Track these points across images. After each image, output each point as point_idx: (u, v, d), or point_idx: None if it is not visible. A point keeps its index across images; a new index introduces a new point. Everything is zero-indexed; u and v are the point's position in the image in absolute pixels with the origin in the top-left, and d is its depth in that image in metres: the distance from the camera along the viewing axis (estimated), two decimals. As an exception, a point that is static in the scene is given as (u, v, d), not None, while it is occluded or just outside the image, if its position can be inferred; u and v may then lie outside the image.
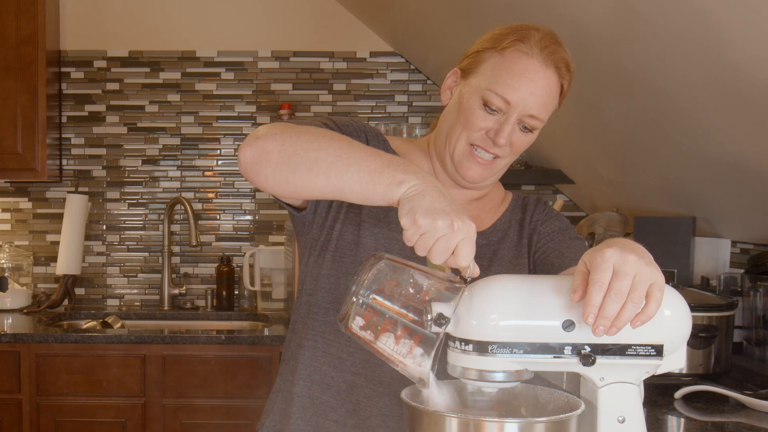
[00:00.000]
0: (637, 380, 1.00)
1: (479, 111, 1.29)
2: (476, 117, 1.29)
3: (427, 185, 1.03)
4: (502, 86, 1.26)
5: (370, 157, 1.09)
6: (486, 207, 1.45)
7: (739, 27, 1.61)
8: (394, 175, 1.06)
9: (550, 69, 1.28)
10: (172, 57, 3.47)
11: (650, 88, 2.10)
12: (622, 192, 2.91)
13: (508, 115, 1.28)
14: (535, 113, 1.28)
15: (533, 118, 1.28)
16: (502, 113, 1.28)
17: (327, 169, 1.10)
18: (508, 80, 1.26)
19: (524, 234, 1.43)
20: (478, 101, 1.29)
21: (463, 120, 1.30)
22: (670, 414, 1.71)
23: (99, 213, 3.50)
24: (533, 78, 1.27)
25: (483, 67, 1.30)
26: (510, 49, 1.28)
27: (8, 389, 2.83)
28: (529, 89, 1.26)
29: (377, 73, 3.48)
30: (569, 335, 0.95)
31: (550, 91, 1.29)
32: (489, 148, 1.30)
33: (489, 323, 0.95)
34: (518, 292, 0.98)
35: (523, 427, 0.92)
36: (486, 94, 1.27)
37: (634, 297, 0.90)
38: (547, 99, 1.29)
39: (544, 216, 1.45)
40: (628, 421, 0.99)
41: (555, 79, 1.29)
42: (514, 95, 1.26)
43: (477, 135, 1.30)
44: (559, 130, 2.93)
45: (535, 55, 1.27)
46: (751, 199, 2.24)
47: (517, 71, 1.27)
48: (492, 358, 0.96)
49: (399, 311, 0.99)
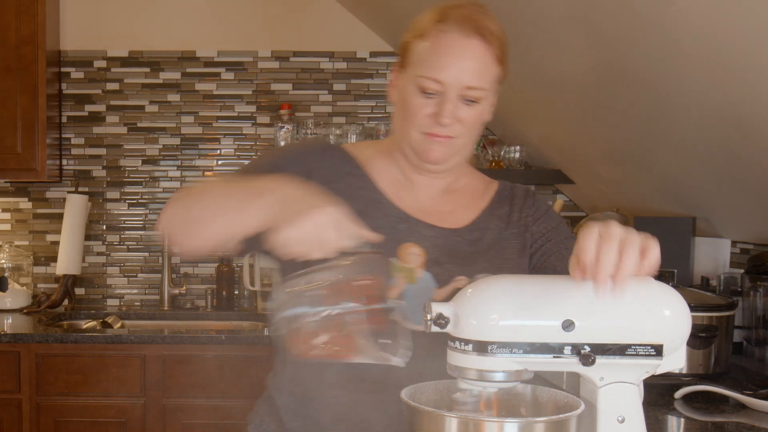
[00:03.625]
0: (637, 380, 1.00)
1: (418, 99, 1.30)
2: (416, 106, 1.31)
3: (284, 198, 1.12)
4: (431, 68, 1.28)
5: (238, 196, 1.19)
6: (462, 201, 1.43)
7: (737, 30, 1.61)
8: (258, 200, 1.15)
9: (473, 39, 1.29)
10: (172, 57, 3.47)
11: (650, 88, 2.10)
12: (622, 192, 2.91)
13: (444, 95, 1.29)
14: (473, 84, 1.29)
15: (473, 89, 1.29)
16: (440, 94, 1.29)
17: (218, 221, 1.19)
18: (435, 61, 1.28)
19: (512, 229, 1.41)
20: (414, 90, 1.30)
21: (407, 112, 1.32)
22: (670, 414, 1.71)
23: (99, 213, 3.50)
24: (459, 52, 1.28)
25: (412, 56, 1.32)
26: (431, 32, 1.30)
27: (8, 389, 2.83)
28: (458, 64, 1.28)
29: (377, 73, 3.48)
30: (569, 335, 0.95)
31: (480, 59, 1.29)
32: (439, 132, 1.31)
33: (489, 323, 0.95)
34: (518, 292, 0.98)
35: (523, 427, 0.92)
36: (419, 81, 1.29)
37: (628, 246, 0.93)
38: (481, 67, 1.29)
39: (535, 212, 1.44)
40: (627, 421, 0.99)
41: (482, 47, 1.29)
42: (444, 73, 1.28)
43: (423, 122, 1.31)
44: (559, 130, 2.93)
45: (456, 30, 1.29)
46: (751, 199, 2.24)
47: (442, 50, 1.28)
48: (492, 358, 0.96)
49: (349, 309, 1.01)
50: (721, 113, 1.95)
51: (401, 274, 1.31)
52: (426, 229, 1.37)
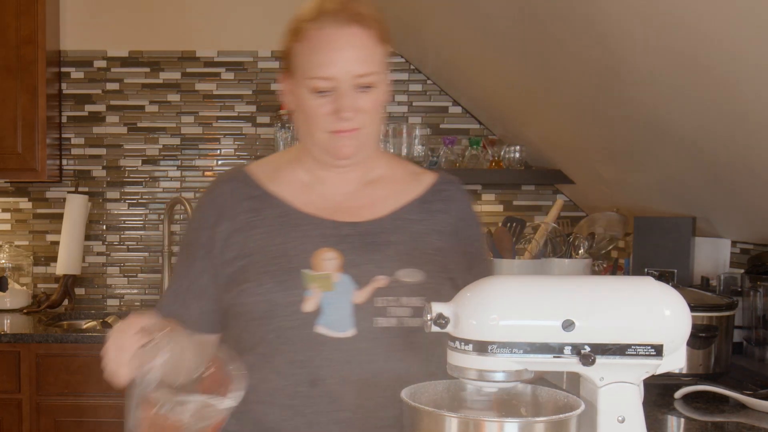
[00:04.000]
0: (637, 380, 1.00)
1: (314, 101, 1.29)
2: (314, 108, 1.30)
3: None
4: (317, 68, 1.27)
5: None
6: (381, 192, 1.40)
7: (736, 30, 1.61)
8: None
9: (351, 27, 1.28)
10: (172, 57, 3.47)
11: (651, 88, 2.10)
12: (622, 192, 2.91)
13: (338, 90, 1.28)
14: (362, 71, 1.28)
15: (364, 77, 1.29)
16: (334, 90, 1.28)
17: None
18: (320, 60, 1.27)
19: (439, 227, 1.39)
20: (307, 93, 1.29)
21: (307, 116, 1.31)
22: (670, 414, 1.71)
23: (99, 213, 3.50)
24: (340, 45, 1.28)
25: (295, 60, 1.31)
26: (307, 31, 1.29)
27: (8, 389, 2.83)
28: (342, 56, 1.27)
29: (377, 73, 3.48)
30: (569, 335, 0.95)
31: (363, 46, 1.29)
32: (344, 126, 1.30)
33: (489, 323, 0.95)
34: (518, 292, 0.98)
35: (523, 427, 0.92)
36: (310, 83, 1.28)
37: None
38: (366, 53, 1.29)
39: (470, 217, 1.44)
40: (628, 421, 0.99)
41: (361, 33, 1.29)
42: (332, 69, 1.27)
43: (325, 122, 1.30)
44: (558, 130, 2.93)
45: (329, 25, 1.28)
46: (751, 199, 2.24)
47: (322, 47, 1.28)
48: (492, 358, 0.96)
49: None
50: (721, 113, 1.95)
51: (315, 284, 1.28)
52: (342, 228, 1.35)
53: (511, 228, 3.03)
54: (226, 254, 1.35)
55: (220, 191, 1.40)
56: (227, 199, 1.38)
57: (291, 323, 1.28)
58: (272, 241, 1.33)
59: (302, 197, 1.38)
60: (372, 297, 1.29)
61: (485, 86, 3.10)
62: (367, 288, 1.29)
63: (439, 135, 3.41)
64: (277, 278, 1.29)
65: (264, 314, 1.29)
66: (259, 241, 1.34)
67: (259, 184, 1.40)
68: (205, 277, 1.37)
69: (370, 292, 1.29)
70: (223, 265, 1.35)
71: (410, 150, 3.13)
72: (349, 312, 1.28)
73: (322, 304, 1.28)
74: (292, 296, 1.28)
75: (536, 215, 3.47)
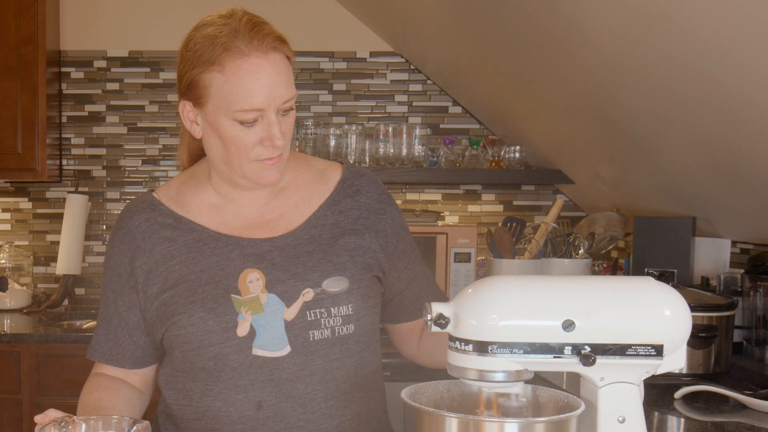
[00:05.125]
0: (637, 380, 1.00)
1: (241, 132, 1.24)
2: (243, 138, 1.25)
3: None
4: (244, 100, 1.22)
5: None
6: (291, 201, 1.37)
7: (736, 31, 1.61)
8: None
9: (271, 54, 1.23)
10: (172, 57, 3.45)
11: (650, 88, 2.10)
12: (622, 192, 2.91)
13: (267, 118, 1.24)
14: (288, 97, 1.25)
15: (288, 102, 1.25)
16: (262, 119, 1.24)
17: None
18: (246, 91, 1.21)
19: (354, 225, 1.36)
20: (233, 125, 1.24)
21: (234, 147, 1.26)
22: (670, 414, 1.71)
23: (99, 213, 3.50)
24: (265, 74, 1.22)
25: (212, 91, 1.24)
26: (226, 61, 1.22)
27: (8, 389, 2.83)
28: (268, 84, 1.22)
29: (377, 73, 3.48)
30: (569, 335, 0.95)
31: (284, 70, 1.25)
32: (272, 154, 1.26)
33: (489, 323, 0.95)
34: (518, 292, 0.98)
35: (523, 427, 0.92)
36: (236, 116, 1.23)
37: None
38: (287, 78, 1.25)
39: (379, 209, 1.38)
40: (628, 421, 0.99)
41: (280, 57, 1.25)
42: (260, 99, 1.22)
43: (255, 151, 1.26)
44: (559, 131, 2.93)
45: (251, 52, 1.22)
46: (751, 199, 2.24)
47: (248, 78, 1.21)
48: (492, 358, 0.96)
49: None
50: (721, 113, 1.95)
51: (245, 307, 1.28)
52: (260, 245, 1.32)
53: (511, 228, 3.03)
54: (150, 289, 1.33)
55: (134, 224, 1.36)
56: (142, 232, 1.35)
57: (228, 349, 1.27)
58: (193, 269, 1.31)
59: (214, 219, 1.35)
60: (301, 312, 1.29)
61: (485, 86, 3.10)
62: (296, 303, 1.29)
63: (439, 135, 3.41)
64: (206, 306, 1.28)
65: (200, 344, 1.28)
66: (180, 271, 1.31)
67: (170, 211, 1.36)
68: (133, 312, 1.35)
69: (299, 307, 1.29)
70: (148, 300, 1.33)
71: (410, 150, 3.13)
72: (282, 330, 1.28)
73: (255, 326, 1.27)
74: (224, 323, 1.27)
75: (536, 215, 3.47)
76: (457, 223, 3.48)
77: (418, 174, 3.14)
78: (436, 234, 3.00)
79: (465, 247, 3.00)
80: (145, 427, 1.08)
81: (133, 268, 1.34)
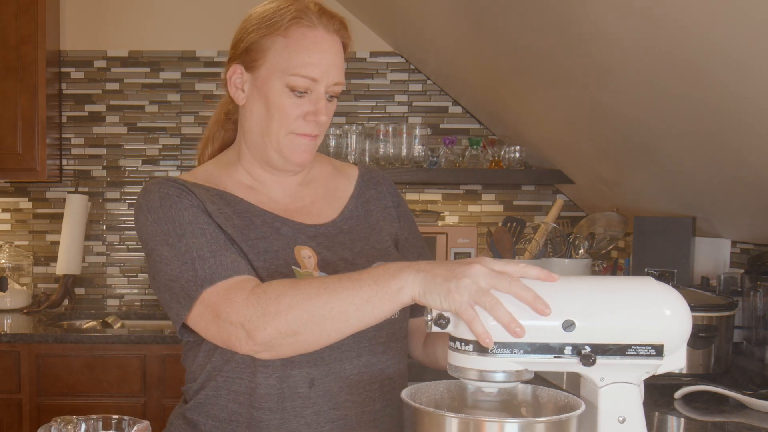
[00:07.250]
0: (638, 380, 1.00)
1: (288, 100, 1.26)
2: (288, 106, 1.26)
3: (418, 268, 1.02)
4: (302, 66, 1.24)
5: (354, 288, 1.07)
6: (320, 191, 1.39)
7: (736, 31, 1.61)
8: (387, 287, 1.04)
9: (336, 35, 1.29)
10: (172, 57, 3.47)
11: (651, 88, 2.10)
12: (622, 192, 2.91)
13: (317, 92, 1.26)
14: (339, 80, 1.28)
15: (337, 85, 1.28)
16: (311, 92, 1.26)
17: (336, 326, 1.09)
18: (306, 59, 1.25)
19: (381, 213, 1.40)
20: (283, 91, 1.26)
21: (277, 114, 1.27)
22: (670, 414, 1.71)
23: (99, 213, 3.50)
24: (326, 48, 1.27)
25: (270, 55, 1.26)
26: (293, 28, 1.26)
27: (8, 389, 2.83)
28: (327, 60, 1.26)
29: (377, 73, 3.48)
30: (569, 335, 0.95)
31: (341, 55, 1.30)
32: (312, 131, 1.28)
33: (489, 323, 0.95)
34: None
35: (523, 427, 0.92)
36: (290, 81, 1.25)
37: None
38: (341, 63, 1.29)
39: (397, 198, 1.45)
40: (628, 421, 0.99)
41: (340, 42, 1.30)
42: (317, 71, 1.25)
43: (295, 123, 1.27)
44: (559, 131, 2.93)
45: (319, 26, 1.27)
46: (751, 199, 2.24)
47: (311, 46, 1.25)
48: (492, 358, 0.96)
49: None
50: (721, 113, 1.95)
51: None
52: (305, 229, 1.32)
53: (511, 228, 3.03)
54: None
55: (178, 183, 1.28)
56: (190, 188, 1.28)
57: None
58: (249, 235, 1.27)
59: (252, 197, 1.33)
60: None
61: (485, 86, 3.10)
62: None
63: (439, 135, 3.41)
64: (270, 273, 1.25)
65: None
66: (237, 235, 1.26)
67: (208, 187, 1.32)
68: (218, 231, 1.25)
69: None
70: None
71: (410, 150, 3.13)
72: None
73: None
74: None
75: (536, 215, 3.47)
76: (457, 223, 3.48)
77: (418, 174, 3.14)
78: (436, 234, 3.00)
79: (465, 247, 3.00)
80: (145, 427, 1.08)
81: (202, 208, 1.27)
